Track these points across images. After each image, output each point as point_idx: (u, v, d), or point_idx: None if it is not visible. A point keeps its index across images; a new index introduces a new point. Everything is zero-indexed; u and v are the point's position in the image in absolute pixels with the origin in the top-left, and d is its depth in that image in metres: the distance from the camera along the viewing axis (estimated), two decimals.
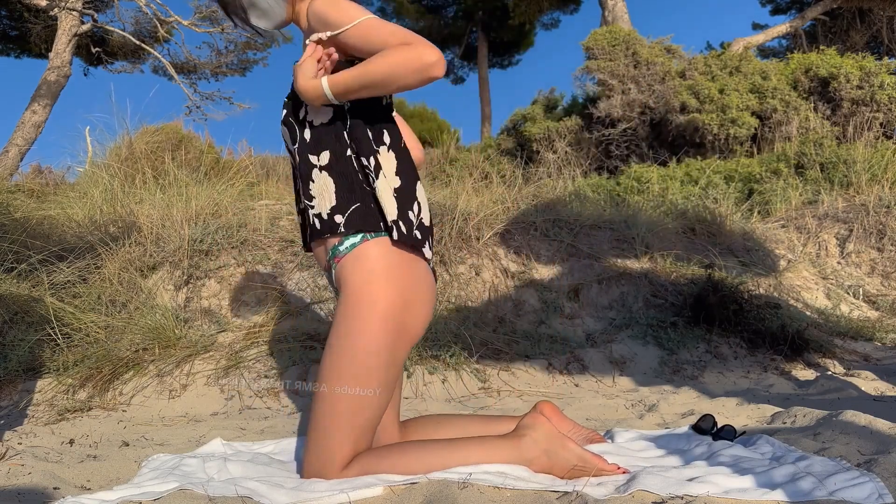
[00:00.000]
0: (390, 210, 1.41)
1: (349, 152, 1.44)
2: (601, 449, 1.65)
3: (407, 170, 1.49)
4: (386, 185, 1.42)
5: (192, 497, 1.24)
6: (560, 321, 3.34)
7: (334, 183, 1.43)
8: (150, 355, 2.65)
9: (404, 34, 1.32)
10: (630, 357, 3.09)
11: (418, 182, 1.51)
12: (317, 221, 1.46)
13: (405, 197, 1.45)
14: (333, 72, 1.41)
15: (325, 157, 1.44)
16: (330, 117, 1.45)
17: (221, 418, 2.33)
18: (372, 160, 1.42)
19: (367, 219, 1.42)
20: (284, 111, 1.51)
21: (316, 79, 1.39)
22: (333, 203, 1.43)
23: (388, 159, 1.45)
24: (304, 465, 1.42)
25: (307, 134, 1.47)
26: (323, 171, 1.45)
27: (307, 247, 1.60)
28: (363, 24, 1.35)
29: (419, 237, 1.45)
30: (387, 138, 1.47)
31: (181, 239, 3.32)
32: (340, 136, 1.44)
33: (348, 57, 1.42)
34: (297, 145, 1.49)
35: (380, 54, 1.32)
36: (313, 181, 1.46)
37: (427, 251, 1.48)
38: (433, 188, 5.18)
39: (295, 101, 1.49)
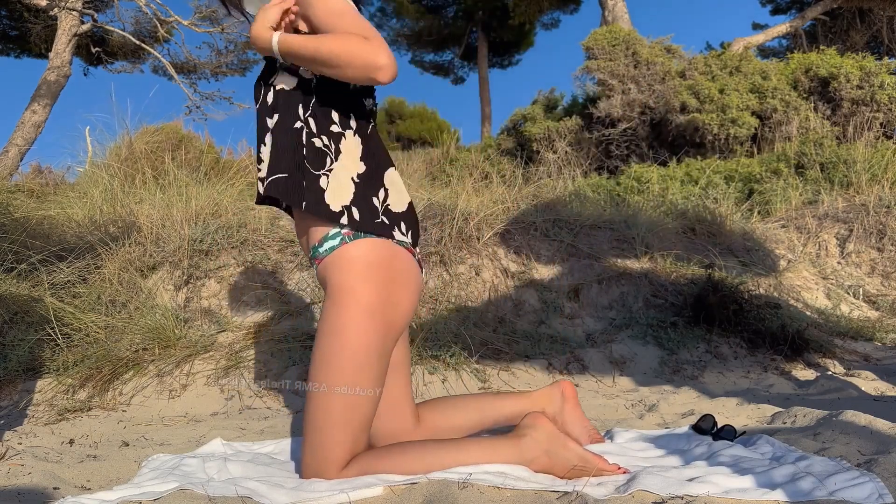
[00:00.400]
0: (342, 196, 1.39)
1: (298, 124, 1.41)
2: (601, 449, 1.65)
3: (376, 155, 1.48)
4: (342, 170, 1.41)
5: (192, 497, 1.24)
6: (560, 321, 3.34)
7: (272, 147, 1.43)
8: (150, 355, 2.65)
9: (366, 29, 1.31)
10: (630, 357, 3.09)
11: (391, 169, 1.50)
12: (260, 186, 1.46)
13: (369, 182, 1.44)
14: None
15: (274, 119, 1.44)
16: (293, 86, 1.44)
17: (221, 418, 2.33)
18: (329, 141, 1.41)
19: (291, 192, 1.39)
20: (259, 74, 1.52)
21: (271, 30, 1.39)
22: (267, 167, 1.43)
23: (352, 143, 1.45)
24: (302, 466, 1.42)
25: (269, 96, 1.47)
26: (269, 135, 1.45)
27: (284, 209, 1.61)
28: (335, 6, 1.34)
29: (387, 221, 1.44)
30: (353, 122, 1.46)
31: (181, 239, 3.32)
32: (294, 107, 1.43)
33: (312, 32, 1.41)
34: (258, 105, 1.49)
35: (338, 35, 1.31)
36: (264, 144, 1.46)
37: (398, 234, 1.45)
38: (433, 188, 5.18)
39: (270, 65, 1.48)
